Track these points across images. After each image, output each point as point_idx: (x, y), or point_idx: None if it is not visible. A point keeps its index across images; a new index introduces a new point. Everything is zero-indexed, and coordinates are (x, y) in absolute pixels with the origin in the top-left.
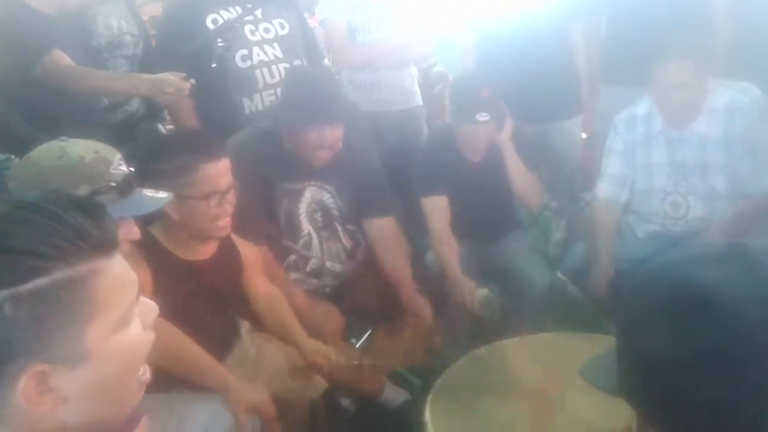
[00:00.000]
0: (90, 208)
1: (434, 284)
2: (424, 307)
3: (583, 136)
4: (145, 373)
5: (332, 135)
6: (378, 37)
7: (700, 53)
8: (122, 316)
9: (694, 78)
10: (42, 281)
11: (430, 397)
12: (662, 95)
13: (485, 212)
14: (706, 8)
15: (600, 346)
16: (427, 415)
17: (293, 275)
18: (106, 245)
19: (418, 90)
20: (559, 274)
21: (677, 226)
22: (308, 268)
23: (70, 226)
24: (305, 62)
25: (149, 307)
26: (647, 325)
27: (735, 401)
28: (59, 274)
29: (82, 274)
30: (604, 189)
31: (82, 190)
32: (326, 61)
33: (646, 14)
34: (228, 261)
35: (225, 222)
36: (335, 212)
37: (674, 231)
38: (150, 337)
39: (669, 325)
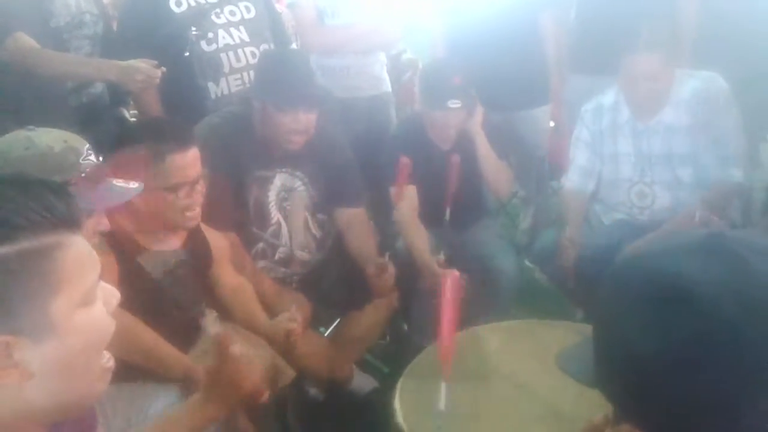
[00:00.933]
0: (55, 187)
1: (403, 272)
2: (390, 290)
3: (551, 124)
4: (109, 360)
5: (306, 119)
6: (346, 21)
7: (669, 44)
8: (86, 293)
9: (662, 69)
10: (8, 250)
11: (399, 384)
12: (630, 85)
13: (454, 200)
14: None
15: (568, 332)
16: (397, 402)
17: (261, 263)
18: (71, 221)
19: (387, 77)
20: (526, 261)
21: (643, 215)
22: (277, 257)
23: (37, 199)
24: (272, 46)
25: (111, 292)
26: (624, 317)
27: (712, 395)
28: (26, 244)
29: (48, 245)
30: (571, 179)
31: None
32: (294, 46)
33: (615, 4)
34: (197, 252)
35: (194, 213)
36: (306, 201)
37: (640, 220)
38: (113, 322)
39: (646, 318)
